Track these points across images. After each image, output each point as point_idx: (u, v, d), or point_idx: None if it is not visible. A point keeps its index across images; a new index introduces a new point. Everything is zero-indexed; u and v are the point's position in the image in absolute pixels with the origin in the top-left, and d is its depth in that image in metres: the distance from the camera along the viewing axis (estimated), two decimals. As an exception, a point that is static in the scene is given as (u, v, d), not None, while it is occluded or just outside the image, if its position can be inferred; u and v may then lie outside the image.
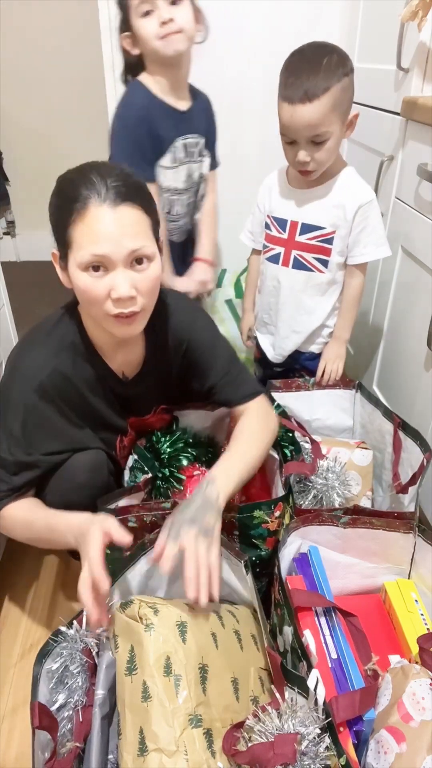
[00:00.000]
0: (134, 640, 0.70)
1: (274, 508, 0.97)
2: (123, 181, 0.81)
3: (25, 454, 0.93)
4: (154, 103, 1.28)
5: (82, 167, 0.85)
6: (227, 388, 1.06)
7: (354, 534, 0.95)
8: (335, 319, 1.34)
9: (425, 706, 0.66)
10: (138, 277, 0.84)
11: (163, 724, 0.64)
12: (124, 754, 0.65)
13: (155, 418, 1.11)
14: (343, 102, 1.10)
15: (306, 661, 0.72)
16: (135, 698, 0.67)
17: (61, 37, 2.63)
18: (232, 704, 0.72)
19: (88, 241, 0.80)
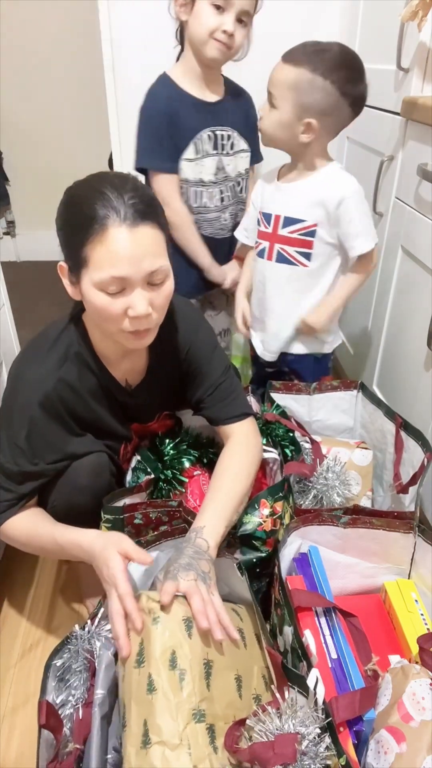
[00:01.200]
0: (143, 633, 0.70)
1: (260, 507, 0.97)
2: (139, 198, 0.80)
3: (30, 464, 0.93)
4: (177, 95, 1.31)
5: (93, 181, 0.83)
6: (215, 405, 1.05)
7: (354, 534, 0.95)
8: None
9: (425, 706, 0.66)
10: (154, 294, 0.84)
11: (167, 717, 0.64)
12: (127, 746, 0.65)
13: (158, 425, 1.12)
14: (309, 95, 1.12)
15: (306, 661, 0.72)
16: (141, 690, 0.67)
17: (61, 37, 2.63)
18: (235, 701, 0.72)
19: (108, 263, 0.79)
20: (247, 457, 1.01)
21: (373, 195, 1.39)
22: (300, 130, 1.16)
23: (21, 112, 2.78)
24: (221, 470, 0.99)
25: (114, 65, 1.68)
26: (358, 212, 1.20)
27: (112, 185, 0.80)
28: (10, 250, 3.05)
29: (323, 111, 1.14)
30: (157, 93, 1.31)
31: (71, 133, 2.80)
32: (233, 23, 1.21)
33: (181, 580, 0.76)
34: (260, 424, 1.16)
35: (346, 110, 1.15)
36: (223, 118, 1.35)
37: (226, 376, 1.07)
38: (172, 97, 1.30)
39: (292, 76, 1.12)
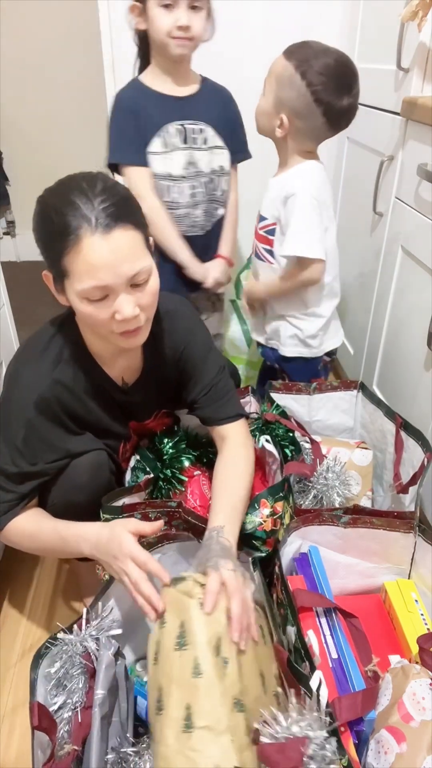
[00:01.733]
0: (186, 616, 0.70)
1: (260, 507, 0.97)
2: (110, 199, 0.78)
3: (29, 464, 0.93)
4: (143, 93, 1.33)
5: (61, 188, 0.81)
6: (209, 405, 1.05)
7: (354, 534, 0.95)
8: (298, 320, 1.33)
9: (425, 706, 0.66)
10: (139, 294, 0.84)
11: (213, 702, 0.64)
12: (165, 730, 0.64)
13: (156, 423, 1.11)
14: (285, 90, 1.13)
15: (309, 661, 0.72)
16: (184, 674, 0.66)
17: (61, 37, 2.63)
18: (261, 697, 0.71)
19: (87, 274, 0.78)
20: (248, 459, 1.03)
21: (373, 195, 1.39)
22: (276, 123, 1.18)
23: (21, 112, 2.78)
24: (227, 471, 1.00)
25: (114, 65, 1.69)
26: (300, 213, 1.20)
27: (81, 191, 0.78)
28: (10, 250, 3.05)
29: (295, 111, 1.15)
30: (122, 93, 1.34)
31: (71, 134, 2.80)
32: (186, 15, 1.21)
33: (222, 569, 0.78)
34: (260, 424, 1.16)
35: (320, 119, 1.15)
36: (194, 113, 1.35)
37: (221, 376, 1.07)
38: (137, 96, 1.32)
39: (280, 67, 1.14)
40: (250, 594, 0.79)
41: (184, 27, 1.21)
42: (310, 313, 1.32)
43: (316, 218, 1.21)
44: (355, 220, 1.65)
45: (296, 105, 1.14)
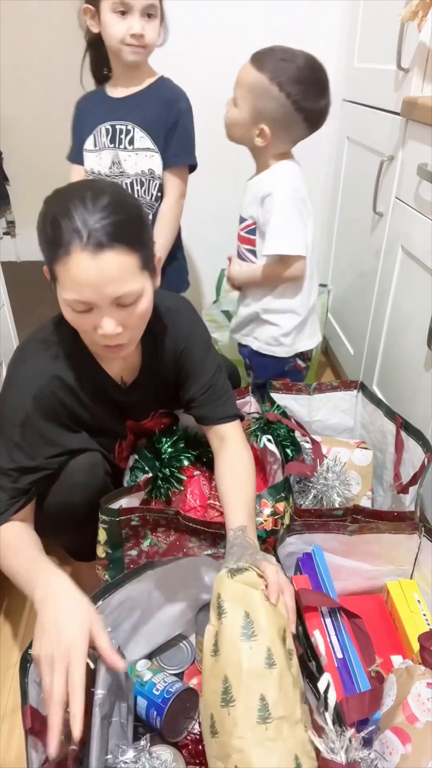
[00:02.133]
0: (250, 606, 0.70)
1: (261, 507, 0.97)
2: (109, 218, 0.76)
3: (27, 459, 0.92)
4: (95, 95, 1.40)
5: (66, 194, 0.80)
6: (207, 405, 1.05)
7: (359, 540, 0.95)
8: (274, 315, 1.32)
9: (430, 707, 0.66)
10: (124, 314, 0.83)
11: (287, 692, 0.64)
12: (238, 721, 0.63)
13: (153, 422, 1.11)
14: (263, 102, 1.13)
15: (315, 661, 0.72)
16: (257, 664, 0.65)
17: (61, 37, 2.62)
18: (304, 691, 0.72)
19: (71, 287, 0.78)
20: (251, 459, 1.03)
21: (373, 195, 1.39)
22: (255, 133, 1.18)
23: (21, 112, 2.77)
24: (236, 470, 1.00)
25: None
26: (279, 212, 1.20)
27: (82, 202, 0.76)
28: (10, 250, 3.04)
29: (276, 121, 1.15)
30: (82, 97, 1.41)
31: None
32: (140, 23, 1.22)
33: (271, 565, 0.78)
34: (262, 424, 1.16)
35: (301, 125, 1.16)
36: (123, 113, 1.34)
37: (220, 376, 1.06)
38: (89, 97, 1.40)
39: (252, 79, 1.14)
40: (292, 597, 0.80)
41: (137, 35, 1.22)
42: (287, 310, 1.31)
43: (296, 215, 1.21)
44: (355, 220, 1.65)
45: (277, 116, 1.15)
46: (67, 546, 1.15)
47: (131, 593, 0.87)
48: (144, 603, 0.91)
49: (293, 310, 1.31)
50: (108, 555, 0.94)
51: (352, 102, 1.65)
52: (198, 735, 0.89)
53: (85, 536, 0.95)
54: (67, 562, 1.28)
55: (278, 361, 1.36)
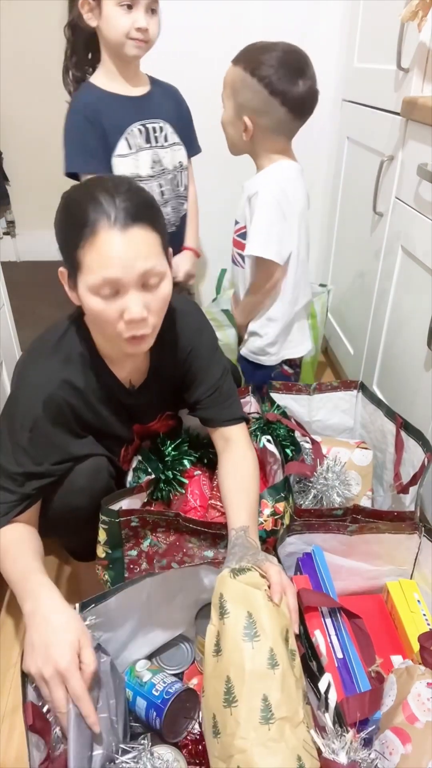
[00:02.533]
0: (253, 607, 0.69)
1: (260, 507, 0.97)
2: (132, 200, 0.80)
3: (34, 464, 0.92)
4: (98, 97, 1.30)
5: (88, 185, 0.83)
6: (214, 406, 1.05)
7: (359, 540, 0.95)
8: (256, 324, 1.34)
9: (430, 707, 0.66)
10: (150, 297, 0.84)
11: (290, 693, 0.64)
12: (241, 721, 0.63)
13: (160, 425, 1.11)
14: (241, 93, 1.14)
15: (316, 661, 0.72)
16: (259, 664, 0.65)
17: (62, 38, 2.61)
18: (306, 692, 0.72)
19: (99, 266, 0.79)
20: (256, 461, 1.04)
21: (373, 195, 1.39)
22: (241, 128, 1.18)
23: (21, 113, 2.77)
24: (241, 471, 1.00)
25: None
26: (259, 212, 1.20)
27: (106, 189, 0.80)
28: (10, 250, 3.04)
29: (255, 110, 1.15)
30: (77, 99, 1.32)
31: (71, 134, 2.80)
32: (144, 18, 1.20)
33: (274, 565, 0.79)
34: (262, 424, 1.16)
35: (280, 110, 1.15)
36: (152, 111, 1.35)
37: (226, 378, 1.07)
38: (92, 101, 1.29)
39: (231, 74, 1.15)
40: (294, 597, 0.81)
41: (142, 29, 1.21)
42: (265, 318, 1.31)
43: (276, 217, 1.20)
44: (355, 220, 1.65)
45: (254, 103, 1.14)
46: (68, 546, 1.15)
47: (130, 596, 0.87)
48: (143, 605, 0.91)
49: (271, 318, 1.30)
50: (108, 555, 0.94)
51: (352, 102, 1.65)
52: (198, 735, 0.89)
53: (86, 537, 0.95)
54: (68, 562, 1.28)
55: (265, 368, 1.37)
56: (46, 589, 0.81)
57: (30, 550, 0.89)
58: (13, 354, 1.40)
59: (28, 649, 0.75)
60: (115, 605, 0.86)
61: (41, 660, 0.72)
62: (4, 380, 1.32)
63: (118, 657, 0.93)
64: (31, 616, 0.78)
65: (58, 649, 0.72)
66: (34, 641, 0.74)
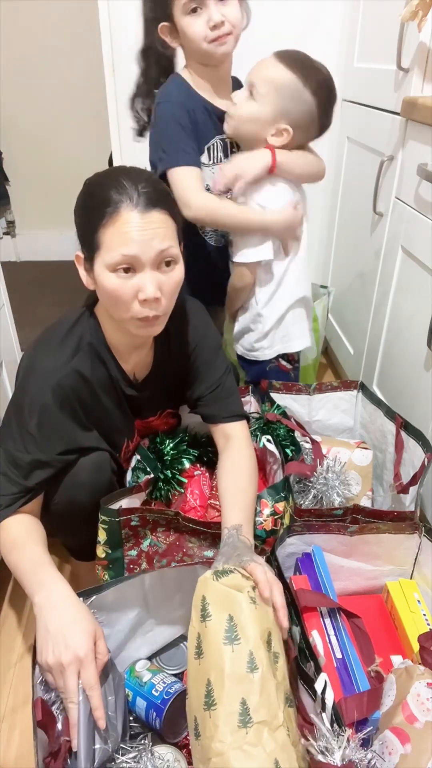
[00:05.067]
0: (234, 609, 0.69)
1: (260, 507, 0.97)
2: (153, 188, 0.85)
3: (40, 452, 0.93)
4: (192, 97, 1.23)
5: (111, 172, 0.88)
6: (214, 403, 1.07)
7: (359, 540, 0.95)
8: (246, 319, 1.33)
9: (430, 707, 0.66)
10: (163, 278, 0.87)
11: (269, 697, 0.64)
12: (219, 725, 0.63)
13: (160, 421, 1.12)
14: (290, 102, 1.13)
15: (314, 661, 0.72)
16: (239, 668, 0.65)
17: (61, 37, 2.63)
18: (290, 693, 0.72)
19: (119, 243, 0.83)
20: (254, 459, 1.04)
21: (373, 195, 1.39)
22: (271, 131, 1.17)
23: (21, 112, 2.77)
24: (237, 470, 1.01)
25: (114, 65, 1.68)
26: None
27: (128, 176, 0.85)
28: (10, 250, 3.04)
29: (297, 123, 1.15)
30: (172, 89, 1.23)
31: (71, 133, 2.80)
32: (216, 10, 1.10)
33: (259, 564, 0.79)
34: (261, 424, 1.16)
35: (314, 132, 1.19)
36: None
37: (228, 376, 1.09)
38: (186, 97, 1.22)
39: (283, 78, 1.12)
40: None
41: (218, 24, 1.11)
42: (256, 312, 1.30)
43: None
44: (355, 220, 1.65)
45: (301, 118, 1.15)
46: (69, 544, 1.15)
47: (125, 592, 0.87)
48: (140, 603, 0.92)
49: (261, 313, 1.30)
50: (108, 555, 0.94)
51: (352, 102, 1.65)
52: (198, 735, 0.89)
53: (88, 535, 0.95)
54: (68, 561, 1.28)
55: (260, 363, 1.36)
56: (58, 581, 0.84)
57: (36, 541, 0.91)
58: (13, 354, 1.40)
59: (42, 639, 0.77)
60: (112, 600, 0.87)
61: (59, 648, 0.74)
62: (4, 380, 1.32)
63: (117, 656, 0.93)
64: (43, 607, 0.80)
65: (77, 637, 0.75)
66: (50, 630, 0.77)
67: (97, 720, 0.73)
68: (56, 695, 0.76)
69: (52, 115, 2.81)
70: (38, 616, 0.80)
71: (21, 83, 2.71)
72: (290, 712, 0.66)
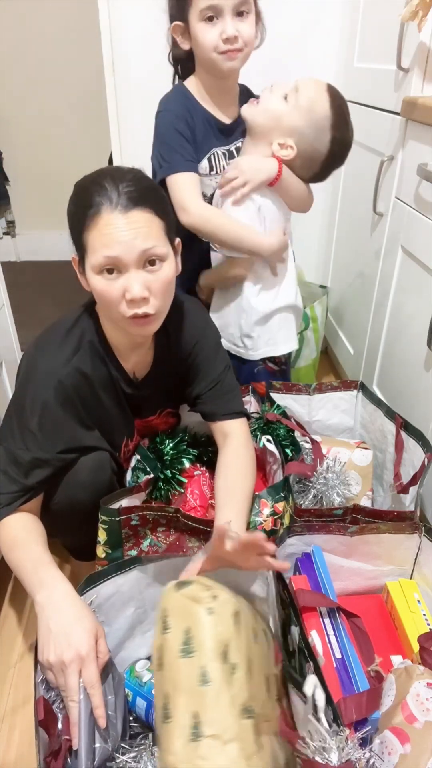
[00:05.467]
0: (192, 621, 0.69)
1: (260, 507, 0.97)
2: (135, 186, 0.84)
3: (41, 450, 0.93)
4: (194, 107, 1.23)
5: (96, 174, 0.87)
6: (215, 400, 1.07)
7: (360, 540, 0.95)
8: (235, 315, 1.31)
9: (429, 707, 0.66)
10: (151, 278, 0.86)
11: (221, 710, 0.63)
12: (173, 738, 0.63)
13: (160, 420, 1.12)
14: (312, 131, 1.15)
15: (313, 661, 0.72)
16: (191, 682, 0.65)
17: (61, 37, 2.63)
18: (267, 701, 0.71)
19: (101, 245, 0.83)
20: (253, 457, 1.04)
21: (373, 195, 1.39)
22: (279, 140, 1.17)
23: (21, 112, 2.77)
24: (233, 468, 1.01)
25: (114, 65, 1.69)
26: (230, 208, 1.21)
27: (111, 177, 0.84)
28: (10, 250, 3.04)
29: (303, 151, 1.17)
30: (173, 98, 1.24)
31: (71, 133, 2.80)
32: (232, 24, 1.11)
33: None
34: (261, 424, 1.16)
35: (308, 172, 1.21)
36: (236, 135, 1.30)
37: (227, 373, 1.09)
38: (189, 108, 1.23)
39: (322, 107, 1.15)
40: None
41: (231, 38, 1.11)
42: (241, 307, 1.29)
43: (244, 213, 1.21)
44: (355, 220, 1.65)
45: (308, 152, 1.17)
46: (69, 544, 1.16)
47: (121, 587, 0.87)
48: (137, 599, 0.91)
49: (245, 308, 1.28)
50: (108, 555, 0.94)
51: (352, 102, 1.64)
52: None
53: (88, 535, 0.96)
54: (68, 561, 1.28)
55: (247, 364, 1.34)
56: (60, 580, 0.84)
57: (37, 540, 0.91)
58: (13, 354, 1.40)
59: (44, 637, 0.77)
60: (106, 595, 0.87)
61: (62, 646, 0.75)
62: (4, 380, 1.32)
63: (116, 655, 0.93)
64: (45, 606, 0.80)
65: (79, 635, 0.76)
66: (52, 629, 0.77)
67: (97, 718, 0.73)
68: (56, 694, 0.76)
69: (52, 116, 2.81)
70: (40, 615, 0.80)
71: (21, 83, 2.71)
72: (248, 724, 0.64)
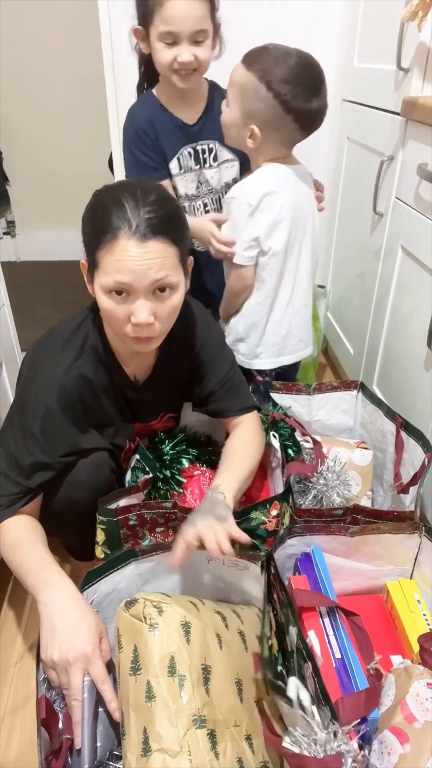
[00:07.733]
0: (138, 639, 0.70)
1: (270, 507, 0.97)
2: (156, 213, 0.82)
3: (43, 454, 0.93)
4: (159, 115, 1.29)
5: (118, 189, 0.86)
6: (226, 396, 1.09)
7: (360, 540, 0.95)
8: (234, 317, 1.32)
9: (429, 707, 0.66)
10: (159, 305, 0.87)
11: (166, 724, 0.64)
12: (128, 754, 0.65)
13: (161, 425, 1.12)
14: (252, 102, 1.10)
15: (311, 662, 0.72)
16: (139, 698, 0.67)
17: (61, 37, 2.63)
18: (235, 705, 0.71)
19: (114, 269, 0.83)
20: (256, 442, 1.06)
21: (373, 195, 1.39)
22: (247, 134, 1.15)
23: (21, 113, 2.78)
24: (233, 448, 1.04)
25: (114, 65, 1.68)
26: (230, 218, 1.20)
27: (133, 196, 0.83)
28: (10, 250, 3.04)
29: (266, 122, 1.12)
30: (137, 110, 1.32)
31: (71, 134, 2.80)
32: (188, 51, 1.17)
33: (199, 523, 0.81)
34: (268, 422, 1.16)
35: (291, 126, 1.12)
36: (204, 135, 1.34)
37: (235, 368, 1.11)
38: (153, 117, 1.29)
39: (242, 79, 1.11)
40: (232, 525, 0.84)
41: (185, 62, 1.18)
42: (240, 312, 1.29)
43: (242, 222, 1.18)
44: (355, 220, 1.65)
45: (266, 116, 1.11)
46: (68, 544, 1.16)
47: (118, 584, 0.88)
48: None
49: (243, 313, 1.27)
50: (107, 555, 0.94)
51: (352, 102, 1.65)
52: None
53: (88, 535, 0.96)
54: (68, 561, 1.28)
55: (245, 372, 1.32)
56: (63, 579, 0.85)
57: (38, 541, 0.92)
58: (13, 354, 1.40)
59: (47, 636, 0.77)
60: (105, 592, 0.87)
61: (66, 645, 0.75)
62: (4, 380, 1.32)
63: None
64: (49, 605, 0.80)
65: (84, 634, 0.76)
66: (56, 627, 0.77)
67: (112, 712, 0.74)
68: (57, 693, 0.76)
69: (52, 116, 2.81)
70: (43, 614, 0.80)
71: (21, 83, 2.71)
72: (200, 734, 0.65)
